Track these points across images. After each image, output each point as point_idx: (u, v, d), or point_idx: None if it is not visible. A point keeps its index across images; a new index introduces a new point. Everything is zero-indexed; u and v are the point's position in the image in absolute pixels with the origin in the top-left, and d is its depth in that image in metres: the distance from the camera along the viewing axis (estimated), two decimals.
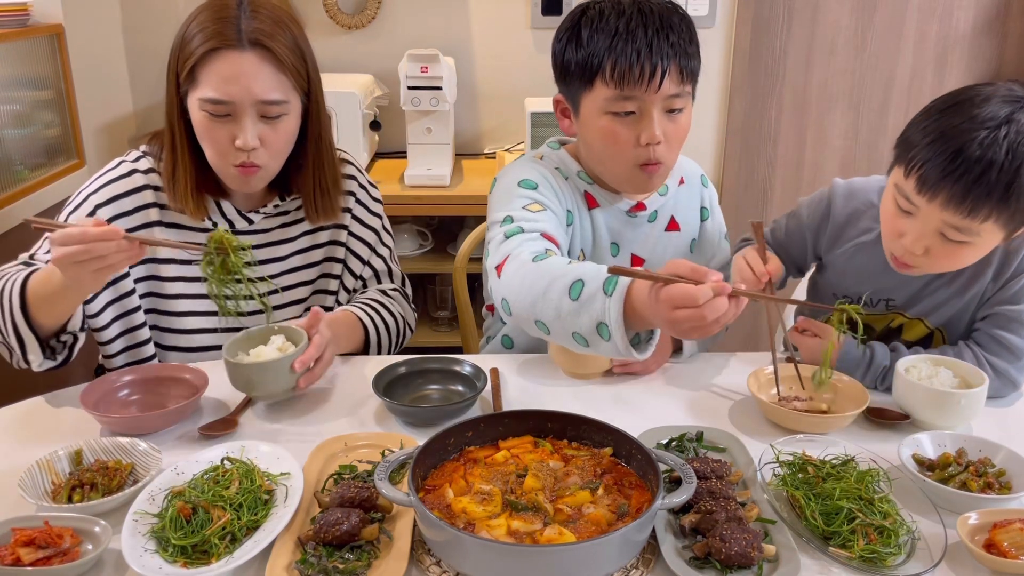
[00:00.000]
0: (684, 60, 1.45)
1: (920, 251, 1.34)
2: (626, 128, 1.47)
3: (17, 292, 1.33)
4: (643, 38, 1.42)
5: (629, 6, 1.45)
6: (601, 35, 1.44)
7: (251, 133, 1.43)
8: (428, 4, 3.01)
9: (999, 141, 1.23)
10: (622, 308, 1.19)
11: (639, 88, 1.43)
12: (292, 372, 1.33)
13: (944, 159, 1.26)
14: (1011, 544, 1.00)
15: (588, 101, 1.49)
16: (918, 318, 1.52)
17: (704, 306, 1.08)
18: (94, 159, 2.71)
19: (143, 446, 1.19)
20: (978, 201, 1.25)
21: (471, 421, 1.17)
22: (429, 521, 0.97)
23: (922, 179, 1.29)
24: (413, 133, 2.73)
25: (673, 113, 1.48)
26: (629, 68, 1.42)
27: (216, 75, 1.41)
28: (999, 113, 1.25)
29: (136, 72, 3.05)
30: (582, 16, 1.48)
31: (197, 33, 1.43)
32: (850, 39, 3.17)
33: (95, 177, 1.55)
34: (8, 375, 2.21)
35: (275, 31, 1.44)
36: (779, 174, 3.32)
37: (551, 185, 1.54)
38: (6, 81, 2.28)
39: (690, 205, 1.71)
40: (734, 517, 1.02)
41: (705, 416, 1.37)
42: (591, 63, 1.45)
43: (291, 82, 1.46)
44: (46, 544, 0.98)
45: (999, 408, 1.40)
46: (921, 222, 1.32)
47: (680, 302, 1.10)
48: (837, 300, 1.56)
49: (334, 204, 1.62)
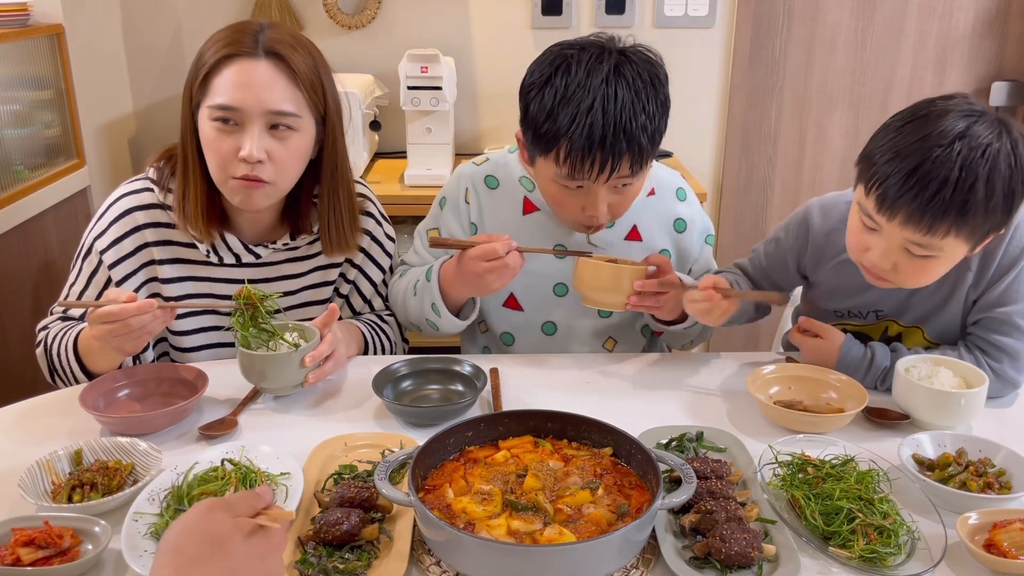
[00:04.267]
0: (637, 154, 1.40)
1: (888, 266, 1.33)
2: (572, 197, 1.48)
3: (72, 353, 1.44)
4: (600, 128, 1.37)
5: (606, 74, 1.39)
6: (566, 110, 1.39)
7: (257, 144, 1.40)
8: (428, 4, 3.01)
9: (952, 158, 1.22)
10: (438, 284, 1.53)
11: (588, 177, 1.42)
12: (302, 367, 1.35)
13: (900, 178, 1.25)
14: (1011, 544, 1.00)
15: (540, 163, 1.49)
16: (915, 326, 1.52)
17: (505, 256, 1.42)
18: (94, 159, 2.71)
19: (143, 446, 1.19)
20: (936, 219, 1.24)
21: (471, 421, 1.17)
22: (429, 521, 0.97)
23: (881, 198, 1.28)
24: (413, 133, 2.72)
25: (621, 187, 1.46)
26: (580, 160, 1.40)
27: (228, 81, 1.40)
28: (954, 128, 1.24)
29: (136, 72, 3.05)
30: (557, 70, 1.43)
31: (213, 45, 1.43)
32: (850, 39, 3.17)
33: (99, 216, 1.54)
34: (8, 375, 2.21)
35: (294, 47, 1.43)
36: (779, 174, 3.32)
37: (452, 209, 1.67)
38: (6, 81, 2.27)
39: (659, 217, 1.65)
40: (734, 517, 1.02)
41: (705, 416, 1.37)
42: (547, 137, 1.42)
43: (305, 98, 1.44)
44: (46, 544, 0.98)
45: (999, 408, 1.40)
46: (885, 239, 1.32)
47: (489, 255, 1.42)
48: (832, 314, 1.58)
49: (350, 240, 1.59)
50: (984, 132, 1.24)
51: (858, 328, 1.56)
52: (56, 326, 1.51)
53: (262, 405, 1.38)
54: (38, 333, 1.53)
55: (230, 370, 1.47)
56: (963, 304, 1.46)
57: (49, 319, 1.55)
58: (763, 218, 3.37)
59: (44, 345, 1.49)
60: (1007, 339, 1.41)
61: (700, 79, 3.14)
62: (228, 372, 1.47)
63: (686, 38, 3.08)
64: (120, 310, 1.26)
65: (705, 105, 3.17)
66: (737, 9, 3.06)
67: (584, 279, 1.49)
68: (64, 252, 2.44)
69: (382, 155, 3.06)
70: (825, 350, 1.46)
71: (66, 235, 2.47)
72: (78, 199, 2.59)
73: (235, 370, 1.47)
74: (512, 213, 1.63)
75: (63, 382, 1.48)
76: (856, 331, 1.56)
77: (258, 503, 0.84)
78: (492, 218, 1.64)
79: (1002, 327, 1.42)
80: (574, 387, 1.47)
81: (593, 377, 1.50)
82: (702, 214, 1.70)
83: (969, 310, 1.46)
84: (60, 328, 1.49)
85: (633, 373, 1.52)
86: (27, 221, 2.29)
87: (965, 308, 1.47)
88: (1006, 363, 1.41)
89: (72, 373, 1.45)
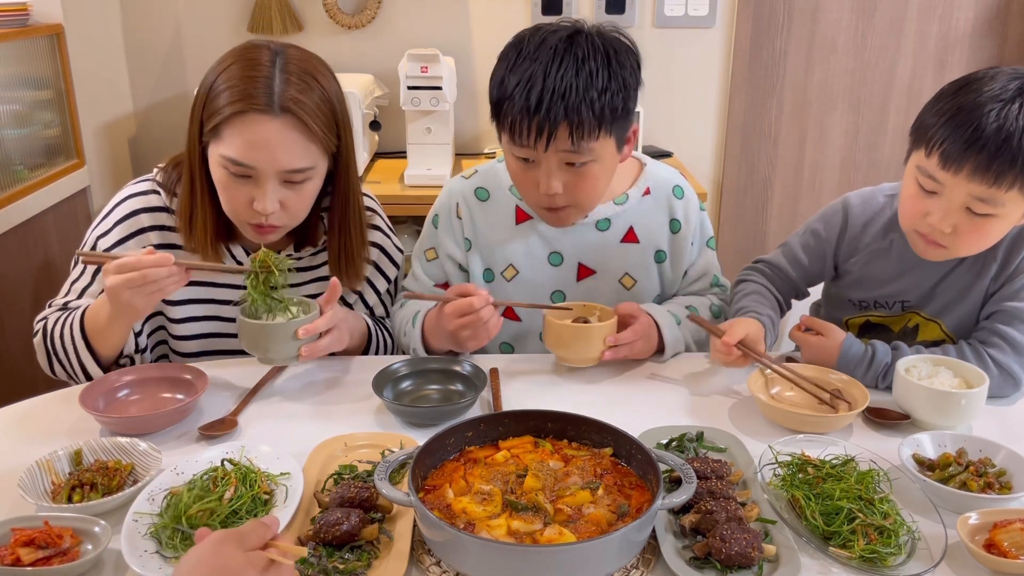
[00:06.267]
0: (576, 124, 1.38)
1: (948, 229, 1.36)
2: (527, 172, 1.48)
3: (78, 327, 1.42)
4: (538, 94, 1.37)
5: (559, 43, 1.40)
6: (513, 77, 1.41)
7: (271, 199, 1.38)
8: (428, 4, 3.01)
9: (1014, 113, 1.28)
10: (420, 333, 1.52)
11: (528, 143, 1.41)
12: (296, 338, 1.35)
13: (965, 133, 1.30)
14: (1011, 544, 1.00)
15: (503, 139, 1.49)
16: (934, 320, 1.53)
17: (480, 311, 1.40)
18: (94, 159, 2.72)
19: (143, 446, 1.19)
20: (1003, 168, 1.29)
21: (471, 421, 1.17)
22: (429, 521, 0.97)
23: (945, 154, 1.32)
24: (413, 133, 2.73)
25: (577, 166, 1.44)
26: (519, 124, 1.40)
27: (241, 138, 1.35)
28: (1008, 87, 1.31)
29: (136, 72, 3.05)
30: (516, 43, 1.45)
31: (225, 90, 1.36)
32: (850, 39, 3.17)
33: (104, 215, 1.53)
34: (8, 375, 2.21)
35: (307, 93, 1.37)
36: (779, 174, 3.32)
37: (446, 227, 1.65)
38: (6, 81, 2.28)
39: (655, 217, 1.63)
40: (734, 517, 1.02)
41: (705, 416, 1.36)
42: (498, 106, 1.44)
43: (319, 148, 1.41)
44: (46, 544, 0.98)
45: (999, 408, 1.40)
46: (947, 199, 1.35)
47: (463, 310, 1.41)
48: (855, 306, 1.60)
49: (359, 272, 1.58)
50: None
51: (882, 320, 1.58)
52: (56, 315, 1.49)
53: (262, 405, 1.38)
54: (35, 324, 1.52)
55: (230, 370, 1.48)
56: (983, 295, 1.48)
57: (47, 311, 1.53)
58: (763, 218, 3.38)
59: (43, 332, 1.47)
60: (1016, 332, 1.42)
61: (700, 79, 3.14)
62: (228, 372, 1.47)
63: (686, 38, 3.08)
64: (138, 260, 1.27)
65: (705, 105, 3.17)
66: (737, 9, 3.06)
67: (553, 340, 1.48)
68: (64, 252, 2.44)
69: (382, 155, 3.07)
70: (827, 347, 1.46)
71: (66, 235, 2.47)
72: (78, 199, 2.59)
73: (235, 370, 1.47)
74: (505, 224, 1.62)
75: (63, 369, 1.46)
76: (879, 323, 1.58)
77: (267, 534, 0.87)
78: (486, 231, 1.63)
79: (1013, 320, 1.43)
80: (574, 387, 1.47)
81: (593, 377, 1.50)
82: (700, 213, 1.68)
83: (986, 302, 1.48)
84: (61, 315, 1.48)
85: (633, 373, 1.52)
86: (27, 221, 2.29)
87: (984, 300, 1.49)
88: (1010, 355, 1.41)
89: (76, 355, 1.42)
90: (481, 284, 1.63)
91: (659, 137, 3.12)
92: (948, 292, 1.50)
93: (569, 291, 1.63)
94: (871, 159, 3.31)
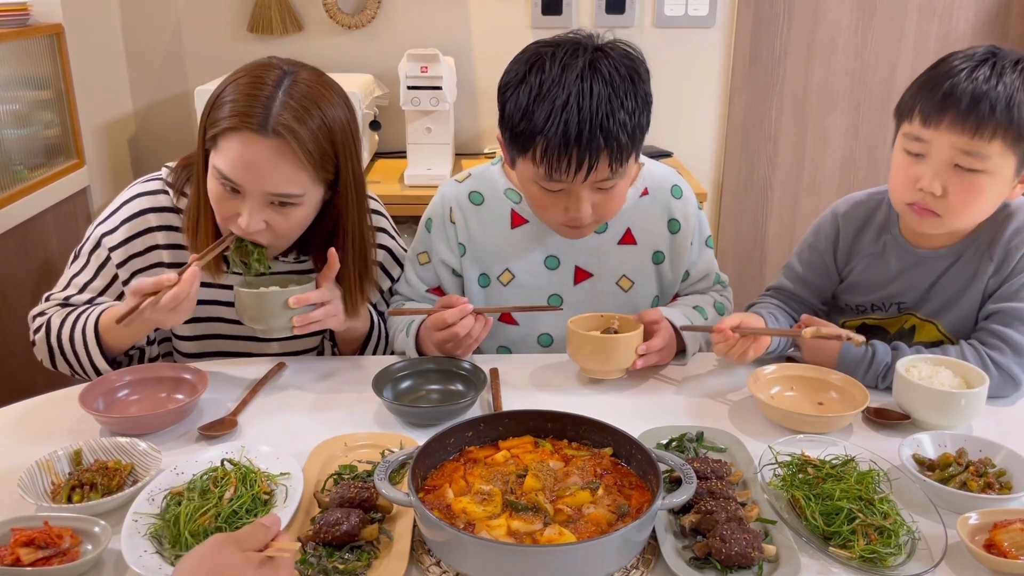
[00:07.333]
0: (615, 151, 1.37)
1: (939, 191, 1.37)
2: (554, 199, 1.45)
3: (92, 332, 1.43)
4: (576, 125, 1.34)
5: (581, 69, 1.36)
6: (541, 107, 1.36)
7: (255, 218, 1.36)
8: (428, 4, 3.01)
9: (985, 71, 1.35)
10: (415, 343, 1.52)
11: (566, 177, 1.38)
12: (288, 308, 1.35)
13: (941, 91, 1.36)
14: (1011, 544, 1.00)
15: (520, 164, 1.45)
16: (930, 320, 1.53)
17: (456, 325, 1.41)
18: (93, 159, 2.72)
19: (143, 446, 1.19)
20: (981, 117, 1.32)
21: (471, 421, 1.17)
22: (429, 521, 0.97)
23: (924, 112, 1.37)
24: (413, 133, 2.72)
25: (607, 188, 1.43)
26: (557, 159, 1.36)
27: (232, 153, 1.34)
28: (976, 51, 1.38)
29: (136, 72, 3.05)
30: (532, 67, 1.40)
31: (229, 102, 1.35)
32: (850, 39, 3.17)
33: (110, 212, 1.52)
34: (8, 375, 2.21)
35: (303, 120, 1.33)
36: (779, 174, 3.32)
37: (439, 232, 1.63)
38: (6, 81, 2.28)
39: (653, 218, 1.62)
40: (734, 517, 1.02)
41: (705, 416, 1.36)
42: (524, 137, 1.39)
43: (312, 175, 1.37)
44: (46, 544, 0.98)
45: (999, 408, 1.40)
46: (934, 158, 1.37)
47: (439, 325, 1.43)
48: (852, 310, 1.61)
49: (358, 307, 1.52)
50: (1009, 53, 1.38)
51: (879, 322, 1.58)
52: (59, 312, 1.48)
53: (262, 405, 1.38)
54: (34, 320, 1.51)
55: (230, 370, 1.48)
56: (981, 295, 1.48)
57: (44, 305, 1.52)
58: (763, 218, 3.38)
59: (46, 330, 1.47)
60: (1015, 333, 1.41)
61: (700, 79, 3.14)
62: (228, 372, 1.47)
63: (686, 38, 3.08)
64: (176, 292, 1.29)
65: (705, 105, 3.17)
66: (737, 9, 3.06)
67: (582, 353, 1.45)
68: (64, 252, 2.43)
69: (382, 155, 3.07)
70: (826, 347, 1.46)
71: (66, 235, 2.48)
72: (78, 199, 2.59)
73: (235, 370, 1.48)
74: (500, 229, 1.61)
75: (68, 366, 1.46)
76: (876, 325, 1.58)
77: (266, 536, 0.88)
78: (480, 236, 1.61)
79: (1012, 321, 1.43)
80: (574, 387, 1.47)
81: (593, 377, 1.50)
82: (698, 212, 1.67)
83: (984, 303, 1.48)
84: (65, 313, 1.47)
85: (633, 373, 1.51)
86: (27, 221, 2.29)
87: (983, 300, 1.48)
88: (1010, 356, 1.41)
89: (88, 355, 1.43)
90: (477, 289, 1.63)
91: (659, 137, 3.12)
92: (944, 293, 1.50)
93: (566, 295, 1.62)
94: (871, 159, 3.31)
